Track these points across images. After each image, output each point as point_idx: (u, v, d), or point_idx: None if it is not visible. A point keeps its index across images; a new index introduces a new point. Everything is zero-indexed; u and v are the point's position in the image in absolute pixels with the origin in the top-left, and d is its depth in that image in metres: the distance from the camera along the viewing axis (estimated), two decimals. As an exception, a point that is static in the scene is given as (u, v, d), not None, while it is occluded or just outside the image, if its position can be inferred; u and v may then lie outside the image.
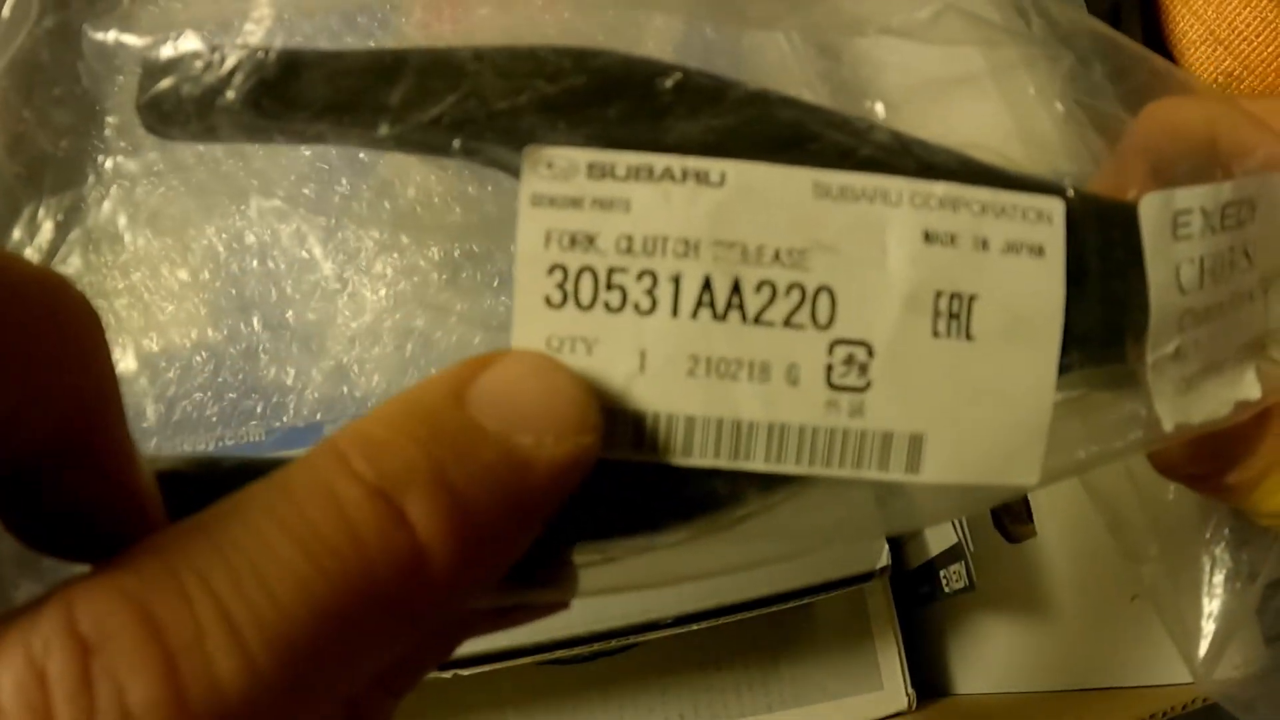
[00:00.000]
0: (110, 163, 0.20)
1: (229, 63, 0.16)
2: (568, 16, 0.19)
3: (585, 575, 0.18)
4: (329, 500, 0.13)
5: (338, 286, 0.35)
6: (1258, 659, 0.31)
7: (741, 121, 0.17)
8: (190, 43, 0.17)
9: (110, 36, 0.17)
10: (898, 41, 0.18)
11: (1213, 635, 0.23)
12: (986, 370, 0.17)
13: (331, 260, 0.35)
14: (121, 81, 0.17)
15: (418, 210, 0.25)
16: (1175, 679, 0.37)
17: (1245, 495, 0.21)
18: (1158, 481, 0.23)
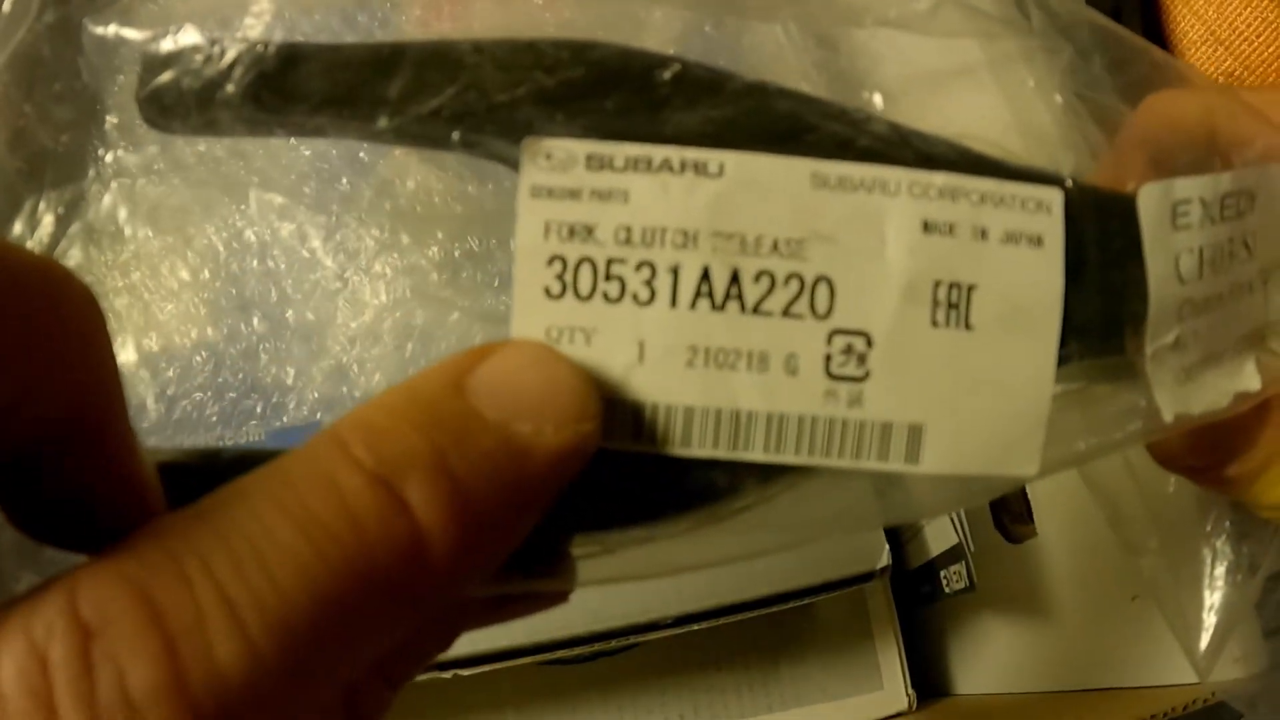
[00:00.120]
0: (111, 157, 0.20)
1: (229, 56, 0.16)
2: (568, 15, 0.19)
3: (584, 566, 0.18)
4: (330, 486, 0.13)
5: (338, 286, 0.35)
6: (1258, 652, 0.31)
7: (740, 113, 0.17)
8: (190, 37, 0.17)
9: (110, 31, 0.17)
10: (896, 33, 0.19)
11: (1213, 628, 0.23)
12: (985, 360, 0.17)
13: (331, 259, 0.35)
14: (122, 77, 0.17)
15: (418, 209, 0.25)
16: (1176, 679, 0.37)
17: (1245, 487, 0.21)
18: (1158, 474, 0.23)
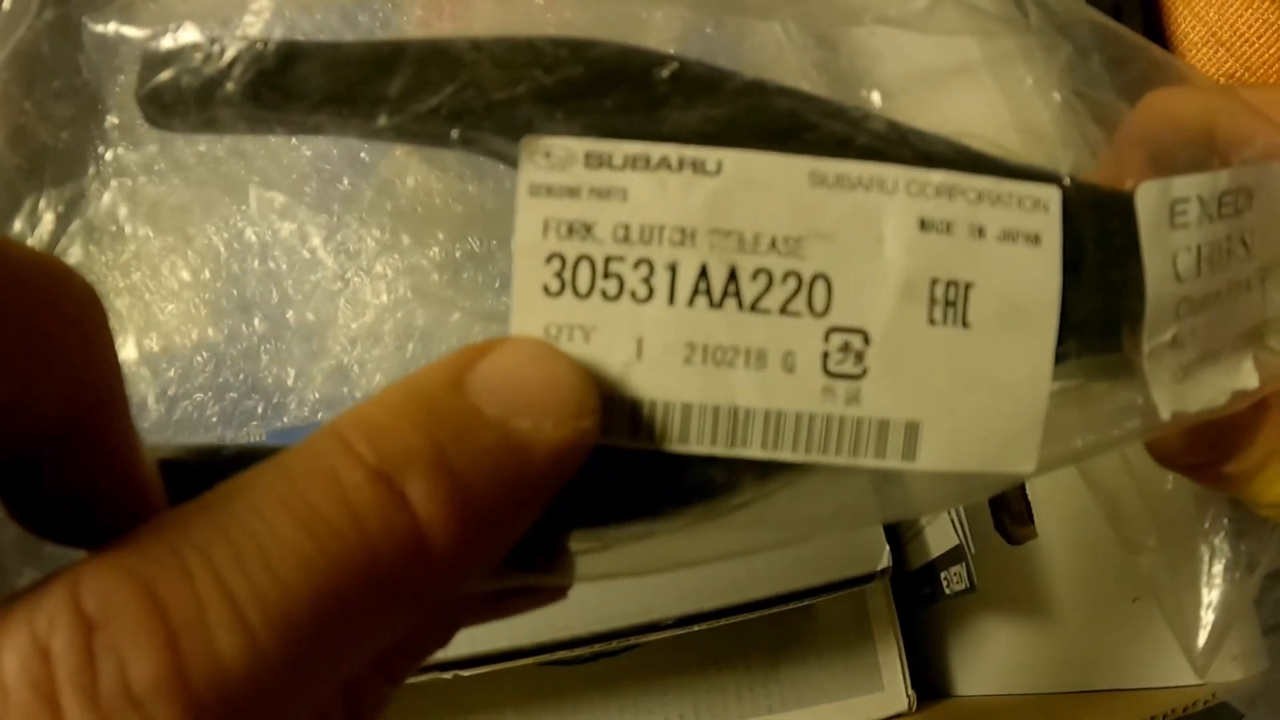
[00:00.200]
0: (111, 155, 0.20)
1: (228, 54, 0.17)
2: (569, 15, 0.19)
3: (583, 561, 0.18)
4: (331, 482, 0.13)
5: (339, 286, 0.35)
6: (1257, 649, 0.31)
7: (738, 111, 0.17)
8: (190, 34, 0.17)
9: (110, 29, 0.18)
10: (894, 31, 0.19)
11: (1211, 625, 0.23)
12: (983, 358, 0.17)
13: (332, 260, 0.35)
14: (122, 77, 0.18)
15: (419, 209, 0.25)
16: (1177, 681, 0.36)
17: (1244, 485, 0.21)
18: (1156, 472, 0.23)
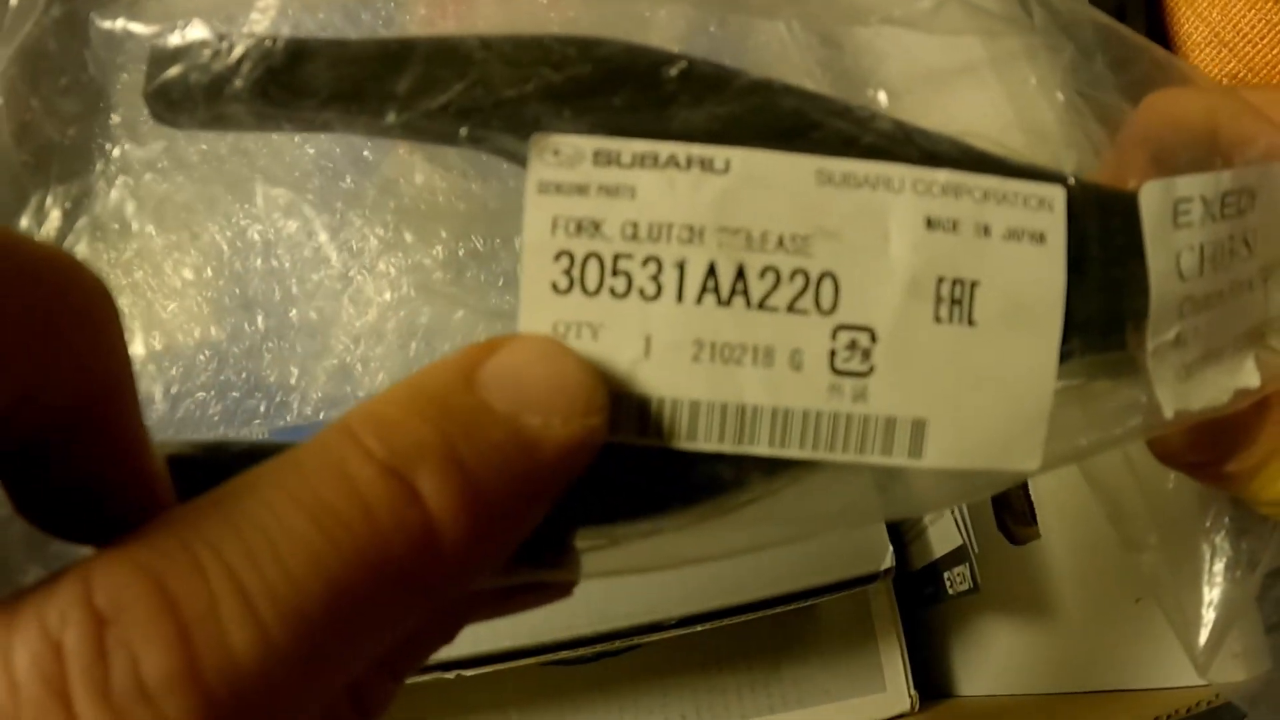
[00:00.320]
0: (118, 151, 0.20)
1: (237, 51, 0.17)
2: (573, 14, 0.19)
3: (591, 557, 0.18)
4: (341, 477, 0.13)
5: (341, 285, 0.35)
6: (1259, 648, 0.31)
7: (745, 110, 0.17)
8: (198, 31, 0.17)
9: (118, 25, 0.18)
10: (900, 31, 0.19)
11: (1213, 624, 0.23)
12: (988, 356, 0.17)
13: (336, 258, 0.35)
14: (129, 71, 0.18)
15: (422, 207, 0.26)
16: (1180, 681, 0.36)
17: (1245, 483, 0.21)
18: (1158, 470, 0.23)
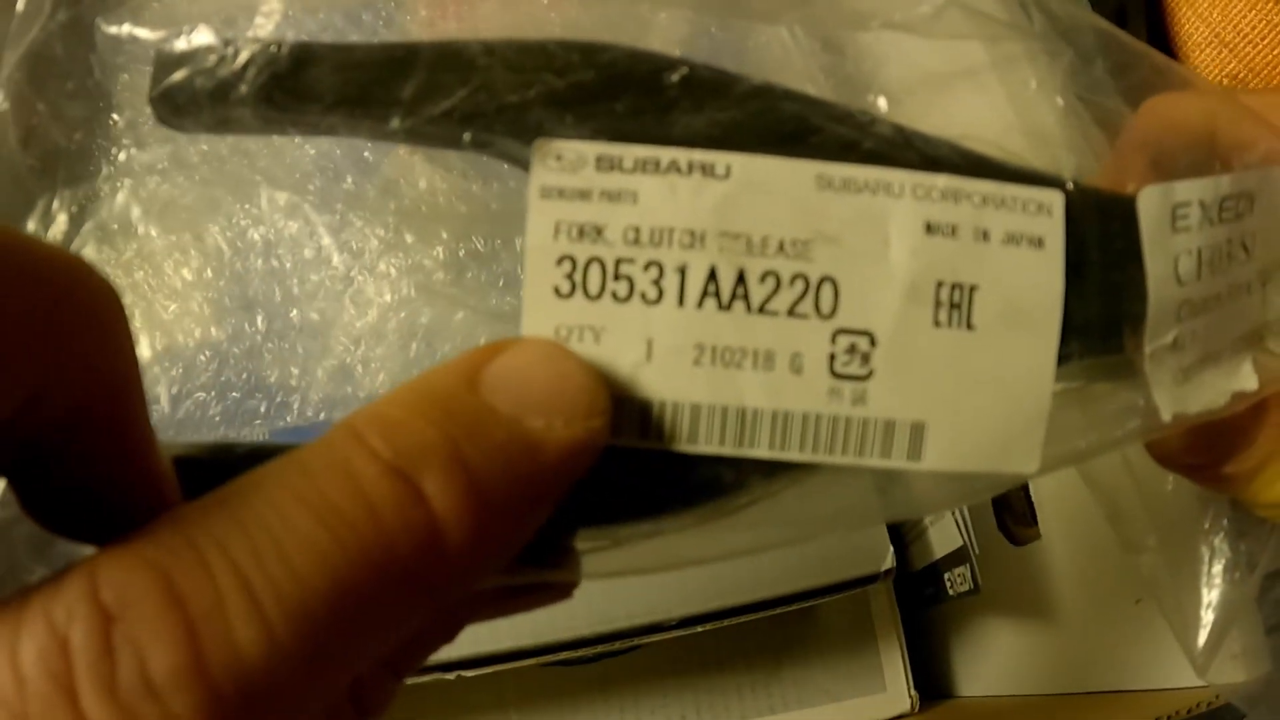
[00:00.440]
0: (123, 155, 0.20)
1: (242, 56, 0.17)
2: (574, 16, 0.19)
3: (593, 559, 0.18)
4: (347, 477, 0.14)
5: (342, 286, 0.35)
6: (1259, 648, 0.31)
7: (746, 115, 0.17)
8: (203, 36, 0.17)
9: (123, 30, 0.18)
10: (900, 36, 0.19)
11: (1212, 625, 0.23)
12: (987, 359, 0.17)
13: (336, 258, 0.35)
14: (126, 76, 0.18)
15: (423, 209, 0.26)
16: (1180, 682, 0.36)
17: (1243, 486, 0.21)
18: (1156, 472, 0.23)
